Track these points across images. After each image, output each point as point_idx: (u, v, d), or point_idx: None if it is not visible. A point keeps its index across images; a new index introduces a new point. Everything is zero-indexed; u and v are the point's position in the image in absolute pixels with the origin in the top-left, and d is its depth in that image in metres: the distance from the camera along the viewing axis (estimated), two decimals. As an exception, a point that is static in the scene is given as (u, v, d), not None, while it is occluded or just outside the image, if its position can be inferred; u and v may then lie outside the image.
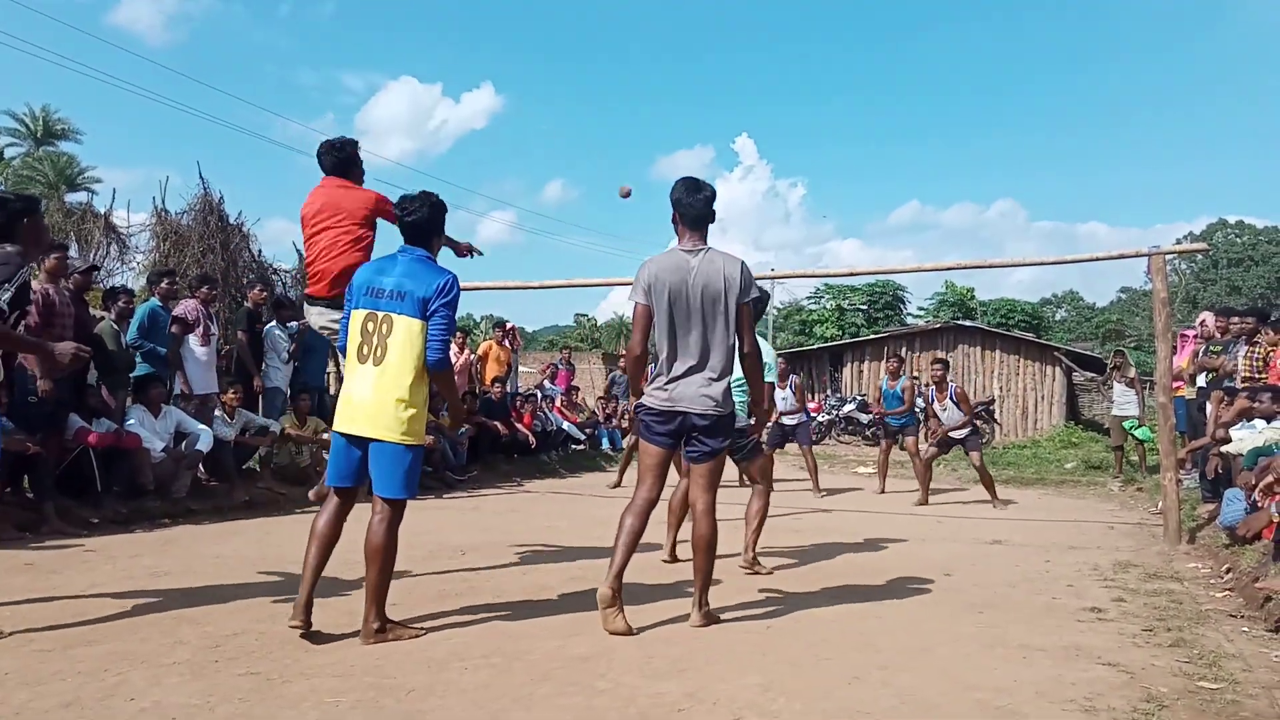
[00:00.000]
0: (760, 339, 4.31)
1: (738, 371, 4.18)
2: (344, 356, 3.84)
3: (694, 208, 3.99)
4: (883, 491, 10.51)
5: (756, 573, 5.31)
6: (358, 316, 3.69)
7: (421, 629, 3.77)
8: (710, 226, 4.08)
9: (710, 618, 3.99)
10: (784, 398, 10.43)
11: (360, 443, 3.66)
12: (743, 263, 3.99)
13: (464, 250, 5.13)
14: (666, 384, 3.96)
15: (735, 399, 4.21)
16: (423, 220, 3.79)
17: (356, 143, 4.94)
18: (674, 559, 5.54)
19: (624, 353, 4.69)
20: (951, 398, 9.81)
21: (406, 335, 3.59)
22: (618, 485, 10.40)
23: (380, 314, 3.64)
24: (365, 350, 3.64)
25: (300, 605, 3.57)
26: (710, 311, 3.92)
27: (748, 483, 5.69)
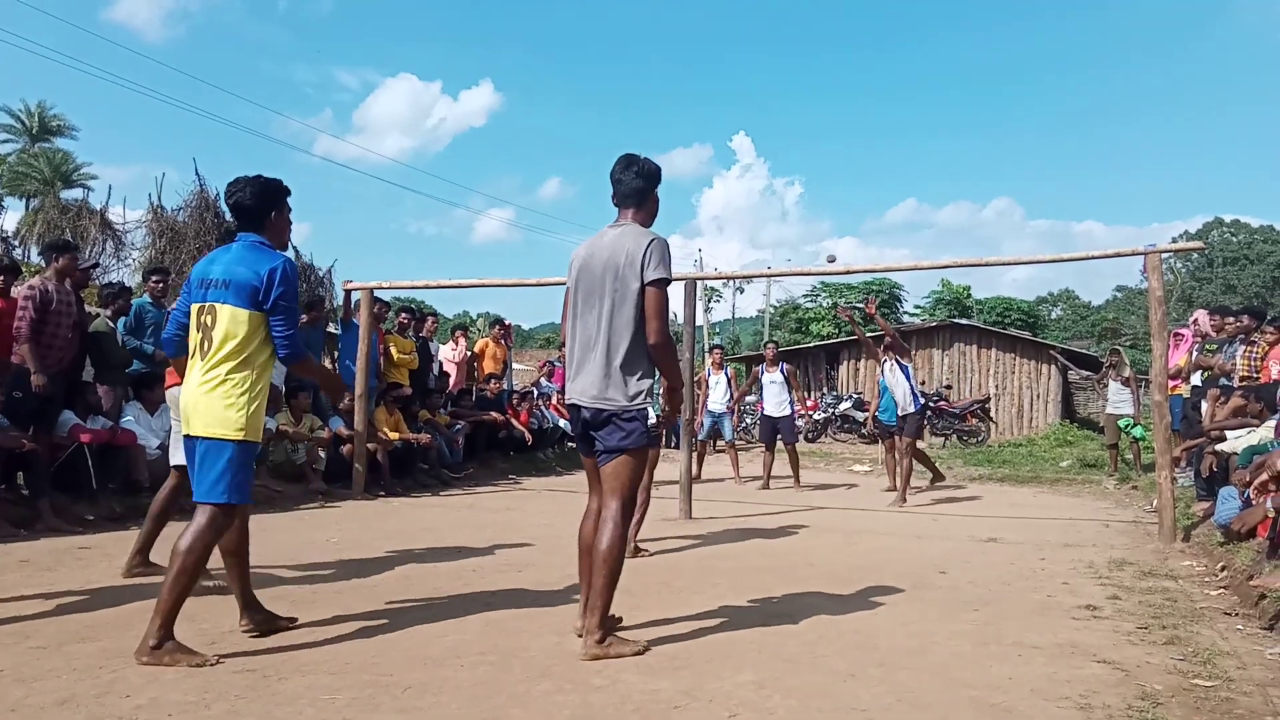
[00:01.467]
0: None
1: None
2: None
3: (623, 184, 3.66)
4: (893, 489, 10.49)
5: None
6: (194, 312, 3.45)
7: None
8: (653, 207, 3.71)
9: (602, 653, 3.34)
10: (773, 380, 10.55)
11: None
12: (655, 239, 3.49)
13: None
14: (570, 376, 3.64)
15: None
16: (245, 202, 3.48)
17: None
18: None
19: None
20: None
21: (231, 325, 3.33)
22: None
23: (208, 305, 3.39)
24: (194, 346, 3.42)
25: (242, 610, 3.66)
26: (608, 290, 3.48)
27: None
